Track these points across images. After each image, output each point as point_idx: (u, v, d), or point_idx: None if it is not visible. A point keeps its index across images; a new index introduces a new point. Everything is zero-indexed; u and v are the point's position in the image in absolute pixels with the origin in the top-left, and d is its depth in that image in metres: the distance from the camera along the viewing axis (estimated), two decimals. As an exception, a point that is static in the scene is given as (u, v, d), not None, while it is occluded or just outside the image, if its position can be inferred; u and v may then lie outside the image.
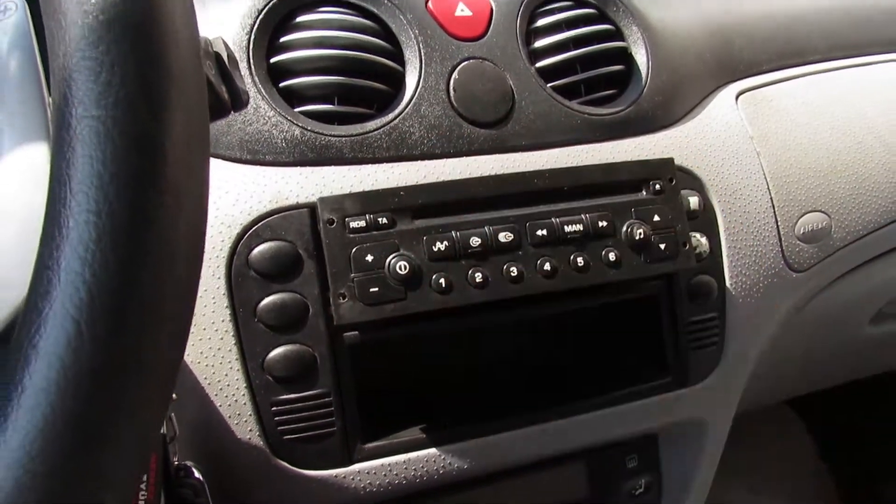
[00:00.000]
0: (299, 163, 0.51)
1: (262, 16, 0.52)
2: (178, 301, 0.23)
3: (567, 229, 0.51)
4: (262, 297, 0.48)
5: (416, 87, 0.54)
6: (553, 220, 0.51)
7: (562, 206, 0.52)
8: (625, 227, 0.53)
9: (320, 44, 0.52)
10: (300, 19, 0.53)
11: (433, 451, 0.53)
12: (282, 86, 0.52)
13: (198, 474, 0.46)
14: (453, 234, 0.49)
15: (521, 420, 0.56)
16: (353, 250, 0.47)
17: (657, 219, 0.54)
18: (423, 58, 0.54)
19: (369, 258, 0.47)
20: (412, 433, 0.53)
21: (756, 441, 1.30)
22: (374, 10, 0.55)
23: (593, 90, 0.60)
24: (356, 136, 0.52)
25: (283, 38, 0.52)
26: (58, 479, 0.20)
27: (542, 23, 0.59)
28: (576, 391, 0.58)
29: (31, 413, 0.20)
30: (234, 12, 0.52)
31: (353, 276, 0.47)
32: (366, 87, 0.53)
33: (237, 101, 0.36)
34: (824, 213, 0.66)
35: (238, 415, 0.48)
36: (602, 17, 0.62)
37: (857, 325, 0.82)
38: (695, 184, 0.60)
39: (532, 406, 0.57)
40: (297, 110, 0.52)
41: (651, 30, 0.63)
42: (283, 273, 0.48)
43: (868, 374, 1.02)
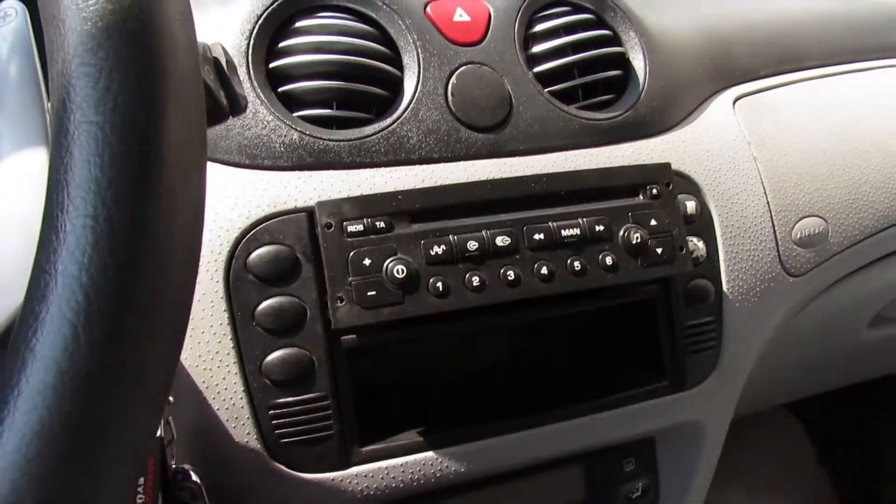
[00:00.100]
0: (298, 167, 0.51)
1: (261, 21, 0.52)
2: (174, 305, 0.23)
3: (564, 233, 0.51)
4: (260, 301, 0.48)
5: (415, 91, 0.54)
6: (550, 224, 0.51)
7: (559, 210, 0.52)
8: (622, 232, 0.53)
9: (319, 49, 0.52)
10: (299, 24, 0.53)
11: (430, 454, 0.53)
12: (280, 90, 0.52)
13: (195, 477, 0.46)
14: (451, 237, 0.49)
15: (519, 423, 0.56)
16: (351, 254, 0.47)
17: (654, 223, 0.54)
18: (421, 62, 0.54)
19: (367, 262, 0.47)
20: (409, 436, 0.53)
21: (755, 443, 1.30)
22: (373, 15, 0.55)
23: (591, 95, 0.60)
24: (354, 140, 0.52)
25: (282, 43, 0.53)
26: (54, 482, 0.20)
27: (539, 28, 0.59)
28: (573, 395, 0.58)
29: (28, 416, 0.20)
30: (233, 17, 0.52)
31: (350, 279, 0.47)
32: (364, 91, 0.53)
33: (235, 106, 0.36)
34: (821, 217, 0.66)
35: (236, 418, 0.49)
36: (600, 23, 0.62)
37: (855, 329, 0.82)
38: (692, 188, 0.60)
39: (529, 409, 0.57)
40: (295, 115, 0.52)
41: (648, 35, 0.63)
42: (281, 277, 0.48)
43: (866, 377, 1.02)
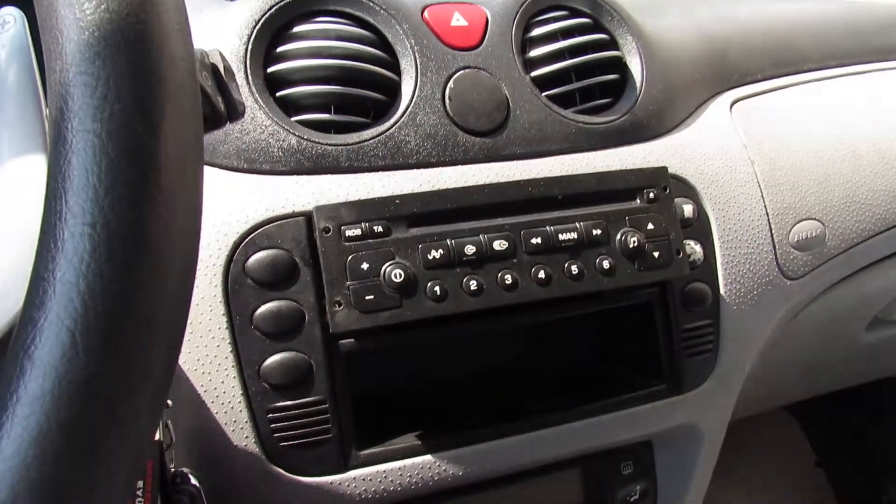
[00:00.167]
0: (296, 171, 0.51)
1: (259, 25, 0.52)
2: (171, 311, 0.23)
3: (561, 237, 0.52)
4: (259, 305, 0.48)
5: (412, 96, 0.54)
6: (547, 228, 0.51)
7: (556, 214, 0.52)
8: (619, 236, 0.53)
9: (317, 54, 0.52)
10: (297, 29, 0.53)
11: (428, 457, 0.53)
12: (279, 95, 0.53)
13: (194, 481, 0.46)
14: (448, 242, 0.49)
15: (517, 427, 0.56)
16: (349, 258, 0.47)
17: (651, 227, 0.54)
18: (418, 67, 0.55)
19: (365, 266, 0.47)
20: (407, 440, 0.53)
21: (754, 446, 1.31)
22: (371, 20, 0.55)
23: (588, 99, 0.60)
24: (352, 144, 0.52)
25: (280, 48, 0.53)
26: (52, 487, 0.20)
27: (537, 32, 0.60)
28: (570, 398, 0.58)
29: (26, 421, 0.20)
30: (231, 22, 0.53)
31: (348, 283, 0.47)
32: (362, 96, 0.53)
33: (233, 112, 0.36)
34: (818, 220, 0.66)
35: (234, 422, 0.49)
36: (597, 27, 0.62)
37: (853, 331, 0.82)
38: (689, 192, 0.60)
39: (527, 413, 0.57)
40: (293, 119, 0.52)
41: (645, 39, 0.63)
42: (279, 281, 0.49)
43: (864, 380, 1.02)
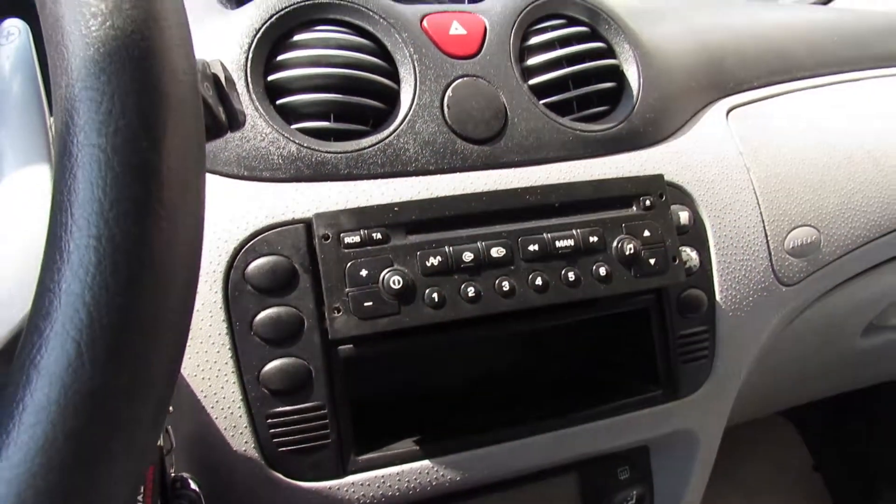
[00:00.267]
0: (295, 179, 0.51)
1: (259, 34, 0.53)
2: (174, 321, 0.24)
3: (558, 244, 0.52)
4: (259, 311, 0.49)
5: (411, 104, 0.55)
6: (545, 235, 0.52)
7: (553, 221, 0.53)
8: (615, 243, 0.53)
9: (317, 62, 0.53)
10: (297, 38, 0.54)
11: (426, 462, 0.54)
12: (279, 103, 0.53)
13: (194, 486, 0.47)
14: (446, 249, 0.49)
15: (514, 432, 0.56)
16: (348, 265, 0.48)
17: (647, 234, 0.55)
18: (417, 75, 0.55)
19: (364, 273, 0.48)
20: (406, 445, 0.54)
21: (751, 450, 1.31)
22: (370, 28, 0.55)
23: (585, 107, 0.61)
24: (351, 152, 0.53)
25: (280, 57, 0.53)
26: (58, 495, 0.21)
27: (534, 41, 0.60)
28: (568, 403, 0.59)
29: (33, 430, 0.20)
30: (232, 31, 0.53)
31: (347, 290, 0.47)
32: (361, 104, 0.53)
33: (234, 122, 0.36)
34: (813, 227, 0.67)
35: (234, 427, 0.49)
36: (594, 36, 0.62)
37: (848, 337, 0.82)
38: (685, 199, 0.61)
39: (524, 418, 0.57)
40: (293, 127, 0.53)
41: (642, 47, 0.64)
42: (279, 287, 0.49)
43: (860, 385, 1.03)
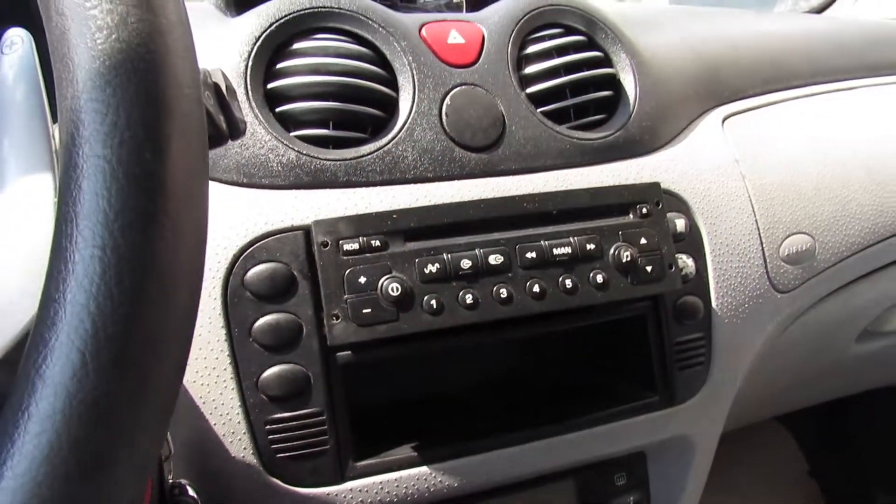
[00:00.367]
0: (294, 186, 0.52)
1: (259, 43, 0.53)
2: (178, 330, 0.24)
3: (556, 252, 0.52)
4: (257, 318, 0.49)
5: (410, 112, 0.55)
6: (542, 242, 0.52)
7: (551, 229, 0.53)
8: (612, 250, 0.54)
9: (316, 70, 0.53)
10: (297, 46, 0.54)
11: (424, 468, 0.54)
12: (278, 111, 0.53)
13: (192, 492, 0.47)
14: (444, 256, 0.50)
15: (512, 438, 0.56)
16: (347, 272, 0.48)
17: (644, 241, 0.55)
18: (416, 84, 0.55)
19: (362, 280, 0.48)
20: (404, 451, 0.54)
21: (747, 456, 1.31)
22: (369, 37, 0.56)
23: (582, 115, 0.61)
24: (350, 160, 0.53)
25: (280, 65, 0.54)
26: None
27: (532, 49, 0.61)
28: (564, 410, 0.59)
29: (38, 439, 0.21)
30: (232, 39, 0.54)
31: (346, 297, 0.48)
32: (360, 112, 0.54)
33: (235, 130, 0.37)
34: (808, 234, 0.67)
35: (232, 433, 0.49)
36: (591, 45, 0.63)
37: (843, 343, 0.83)
38: (681, 206, 0.61)
39: (522, 424, 0.57)
40: (292, 135, 0.53)
41: (639, 56, 0.64)
42: (277, 294, 0.49)
43: (855, 391, 1.03)
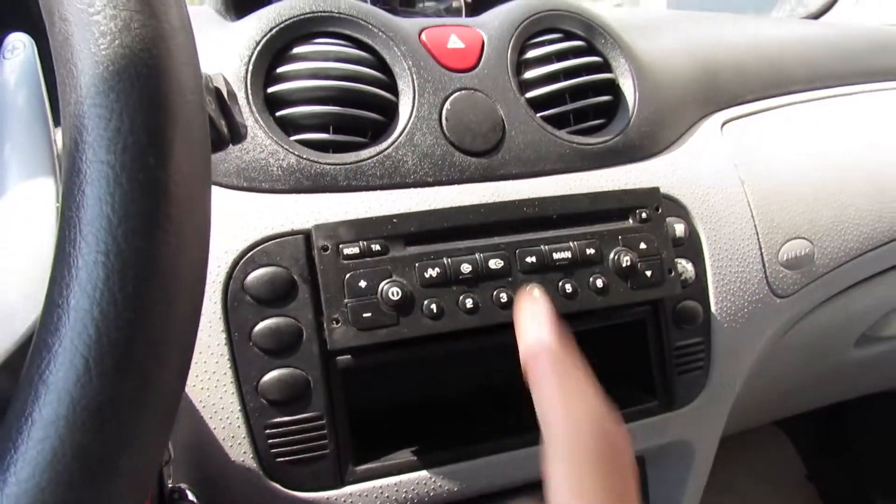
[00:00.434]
0: (295, 190, 0.52)
1: (260, 47, 0.53)
2: (181, 336, 0.24)
3: (556, 256, 0.52)
4: (257, 322, 0.49)
5: (410, 116, 0.55)
6: (542, 247, 0.52)
7: (551, 233, 0.53)
8: (612, 255, 0.54)
9: (316, 75, 0.53)
10: (297, 50, 0.54)
11: (424, 473, 0.54)
12: (278, 115, 0.53)
13: (192, 497, 0.47)
14: (445, 260, 0.50)
15: (511, 442, 0.56)
16: (347, 276, 0.48)
17: (643, 246, 0.55)
18: (416, 88, 0.56)
19: (362, 284, 0.48)
20: (404, 455, 0.54)
21: (745, 460, 1.32)
22: (369, 41, 0.56)
23: (582, 120, 0.61)
24: (350, 164, 0.53)
25: (280, 69, 0.54)
26: None
27: (532, 54, 0.61)
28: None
29: (41, 445, 0.21)
30: (232, 43, 0.54)
31: (346, 301, 0.48)
32: (360, 116, 0.54)
33: (236, 135, 0.37)
34: (807, 239, 0.67)
35: (232, 437, 0.49)
36: (590, 50, 0.63)
37: (842, 348, 0.83)
38: (680, 211, 0.61)
39: (522, 429, 0.57)
40: (292, 139, 0.53)
41: (638, 61, 0.64)
42: (277, 298, 0.49)
43: (853, 395, 1.04)
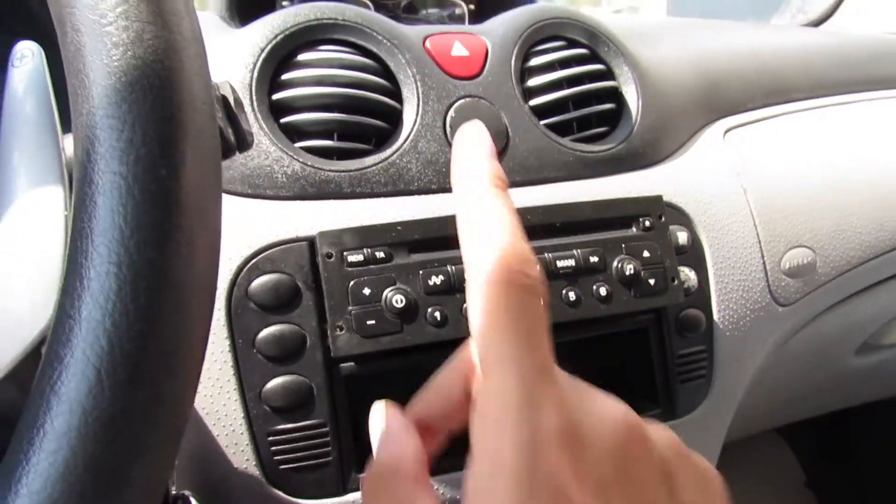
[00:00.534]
0: (299, 197, 0.52)
1: (264, 54, 0.53)
2: (192, 346, 0.24)
3: (559, 264, 0.53)
4: (261, 329, 0.49)
5: (414, 124, 0.55)
6: (546, 255, 0.52)
7: (554, 241, 0.54)
8: (615, 263, 0.54)
9: (321, 81, 0.53)
10: (301, 57, 0.54)
11: (426, 480, 0.54)
12: (283, 122, 0.53)
13: (195, 503, 0.47)
14: (448, 268, 0.50)
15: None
16: (351, 284, 0.48)
17: (647, 255, 0.55)
18: (420, 96, 0.56)
19: (366, 291, 0.48)
20: (406, 463, 0.54)
21: (744, 467, 1.31)
22: (374, 49, 0.56)
23: (585, 128, 0.61)
24: (355, 171, 0.53)
25: (284, 76, 0.54)
26: None
27: (535, 62, 0.61)
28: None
29: (53, 457, 0.21)
30: (237, 50, 0.54)
31: (350, 308, 0.48)
32: (364, 123, 0.54)
33: (243, 142, 0.37)
34: (809, 248, 0.68)
35: (235, 444, 0.49)
36: (594, 58, 0.63)
37: (843, 356, 0.83)
38: (683, 220, 0.61)
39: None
40: (297, 146, 0.53)
41: (641, 69, 0.65)
42: (281, 305, 0.49)
43: (854, 403, 1.04)
